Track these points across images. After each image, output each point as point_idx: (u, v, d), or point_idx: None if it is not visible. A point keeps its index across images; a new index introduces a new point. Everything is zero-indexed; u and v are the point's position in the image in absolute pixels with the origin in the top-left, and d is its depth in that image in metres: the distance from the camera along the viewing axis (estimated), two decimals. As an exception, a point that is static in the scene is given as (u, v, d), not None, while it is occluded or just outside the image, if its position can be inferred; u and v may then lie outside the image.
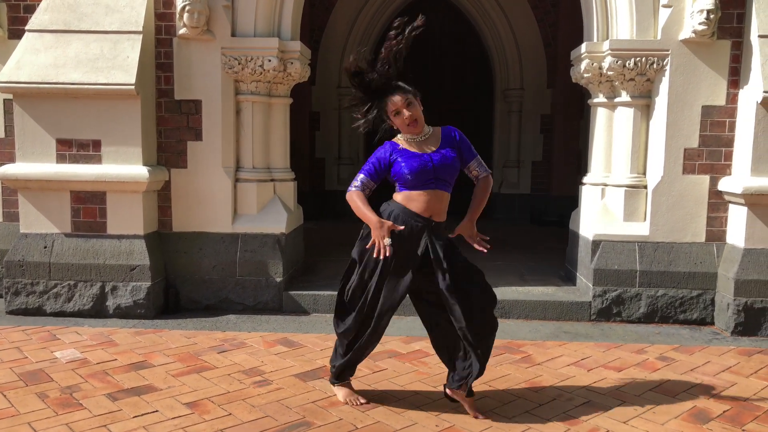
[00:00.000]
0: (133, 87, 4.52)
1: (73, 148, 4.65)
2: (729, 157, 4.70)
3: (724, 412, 3.25)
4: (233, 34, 4.80)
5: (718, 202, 4.75)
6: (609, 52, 4.70)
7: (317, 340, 4.29)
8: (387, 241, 2.91)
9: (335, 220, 9.10)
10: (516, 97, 9.45)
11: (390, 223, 2.96)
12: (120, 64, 4.58)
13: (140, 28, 4.66)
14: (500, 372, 3.75)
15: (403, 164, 3.01)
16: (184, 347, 4.10)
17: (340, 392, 3.33)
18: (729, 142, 4.69)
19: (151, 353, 3.97)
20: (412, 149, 3.05)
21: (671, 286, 4.76)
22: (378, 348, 4.12)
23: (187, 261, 4.93)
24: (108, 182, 4.63)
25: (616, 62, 4.68)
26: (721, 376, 3.76)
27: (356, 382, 3.51)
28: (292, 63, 4.92)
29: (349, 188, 3.10)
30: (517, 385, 3.57)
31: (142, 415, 3.10)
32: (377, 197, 3.13)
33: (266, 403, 3.27)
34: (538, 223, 9.12)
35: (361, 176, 3.08)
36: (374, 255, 2.96)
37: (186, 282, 4.94)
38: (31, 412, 3.08)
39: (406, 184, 3.05)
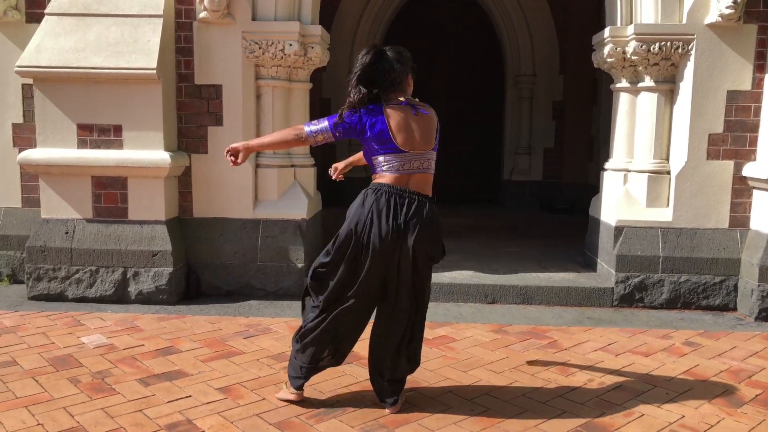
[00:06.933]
0: (154, 72, 4.48)
1: (94, 134, 4.62)
2: (754, 142, 4.67)
3: (756, 396, 3.26)
4: (254, 18, 4.75)
5: (741, 188, 4.72)
6: (633, 36, 4.66)
7: (342, 325, 4.28)
8: None
9: (345, 207, 9.04)
10: (527, 84, 9.37)
11: None
12: (141, 48, 4.53)
13: (160, 12, 4.61)
14: (528, 357, 3.75)
15: None
16: (210, 333, 4.09)
17: None
18: (754, 128, 4.65)
19: (178, 339, 3.96)
20: None
21: (694, 272, 4.74)
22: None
23: (208, 247, 4.92)
24: (129, 168, 4.60)
25: (641, 47, 4.63)
26: (749, 360, 3.76)
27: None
28: (312, 47, 4.87)
29: None
30: (546, 369, 3.57)
31: (176, 399, 3.09)
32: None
33: (299, 387, 3.27)
34: (549, 210, 9.09)
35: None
36: None
37: (207, 268, 4.93)
38: (65, 397, 3.08)
39: None
